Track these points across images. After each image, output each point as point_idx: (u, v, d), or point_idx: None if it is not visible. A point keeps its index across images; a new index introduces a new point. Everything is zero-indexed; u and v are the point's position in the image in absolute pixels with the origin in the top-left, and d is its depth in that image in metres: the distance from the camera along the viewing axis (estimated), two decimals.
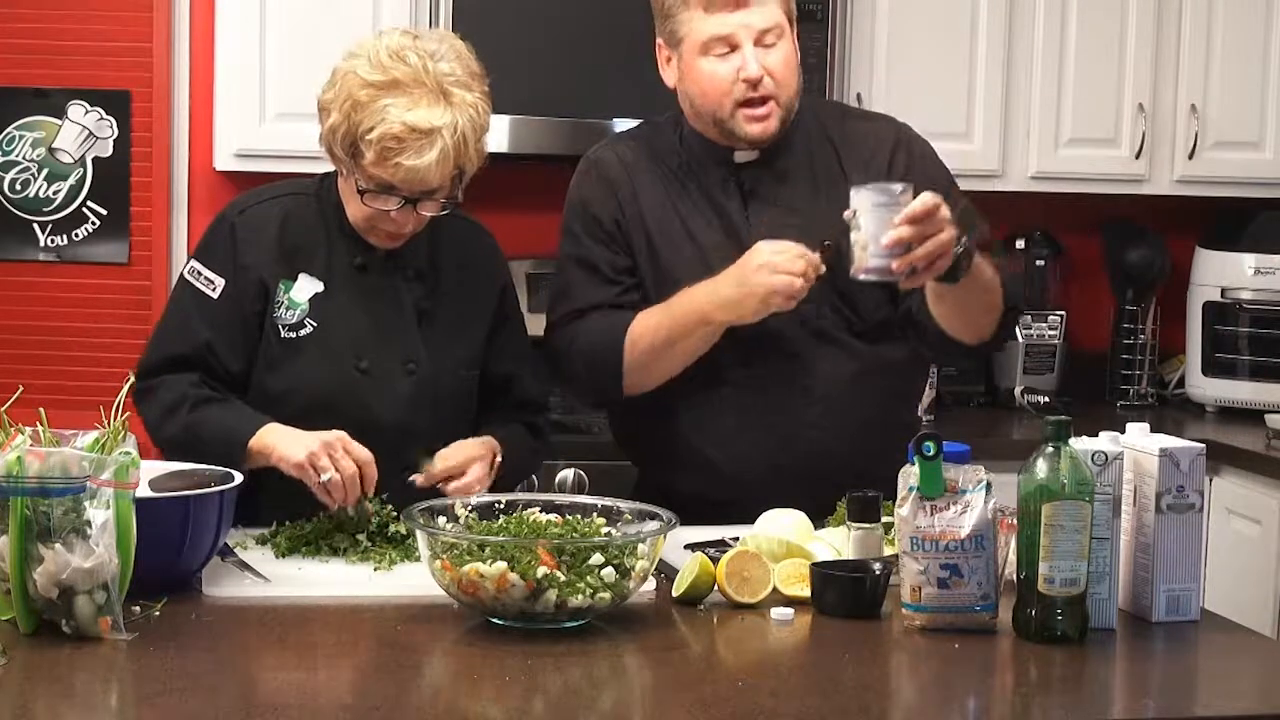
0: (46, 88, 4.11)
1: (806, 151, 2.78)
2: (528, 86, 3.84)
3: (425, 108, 2.52)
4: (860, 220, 2.41)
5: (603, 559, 2.15)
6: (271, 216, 2.69)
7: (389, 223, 2.60)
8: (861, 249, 2.41)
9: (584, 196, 2.84)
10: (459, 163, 2.56)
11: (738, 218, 2.76)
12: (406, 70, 2.53)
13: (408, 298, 2.69)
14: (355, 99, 2.54)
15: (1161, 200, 4.42)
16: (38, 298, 4.14)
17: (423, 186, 2.55)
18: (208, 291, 2.65)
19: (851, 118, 2.89)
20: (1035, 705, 2.04)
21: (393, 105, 2.52)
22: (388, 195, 2.57)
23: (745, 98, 2.67)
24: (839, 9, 3.99)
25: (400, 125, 2.50)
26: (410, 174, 2.52)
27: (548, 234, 4.16)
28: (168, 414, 2.60)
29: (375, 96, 2.52)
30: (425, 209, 2.59)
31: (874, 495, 2.40)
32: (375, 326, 2.67)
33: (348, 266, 2.68)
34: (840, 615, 2.26)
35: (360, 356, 2.64)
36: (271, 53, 3.87)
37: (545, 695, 1.97)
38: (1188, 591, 2.28)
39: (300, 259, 2.67)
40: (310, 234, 2.69)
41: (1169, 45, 4.30)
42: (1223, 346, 4.36)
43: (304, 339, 2.64)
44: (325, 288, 2.66)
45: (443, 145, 2.51)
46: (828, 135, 2.80)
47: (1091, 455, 2.20)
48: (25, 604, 2.04)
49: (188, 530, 2.25)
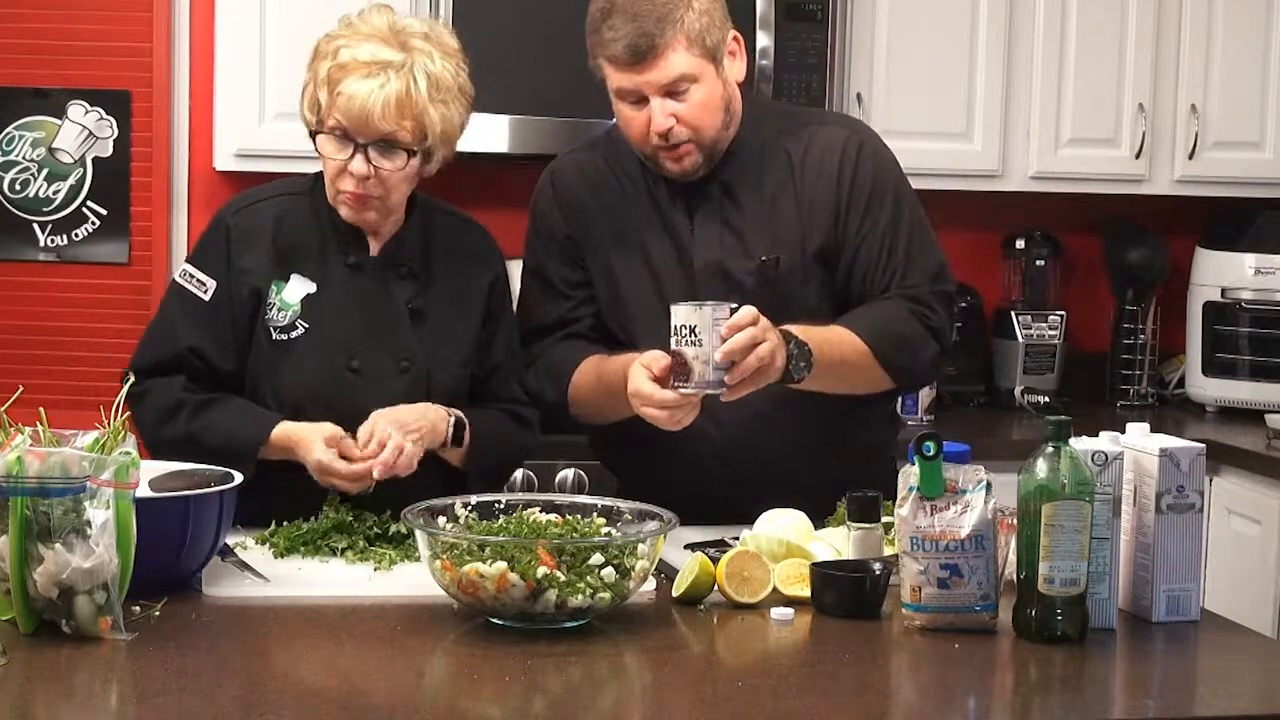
0: (46, 88, 4.11)
1: (756, 165, 2.77)
2: (528, 86, 3.84)
3: (378, 45, 2.55)
4: (700, 336, 2.46)
5: (603, 559, 2.15)
6: (265, 217, 2.69)
7: (349, 180, 2.58)
8: (702, 364, 2.46)
9: (540, 209, 2.87)
10: (413, 112, 2.55)
11: (684, 235, 2.76)
12: (368, 26, 2.58)
13: (400, 296, 2.69)
14: (319, 51, 2.59)
15: (1161, 200, 4.42)
16: (38, 298, 4.14)
17: (369, 125, 2.53)
18: (199, 294, 2.65)
19: (810, 124, 2.84)
20: (1035, 705, 2.04)
21: (346, 47, 2.56)
22: (341, 142, 2.56)
23: (657, 145, 2.69)
24: (839, 9, 3.99)
25: (349, 58, 2.54)
26: (351, 103, 2.52)
27: None
28: (167, 416, 2.60)
29: (333, 43, 2.58)
30: (383, 163, 2.57)
31: (874, 495, 2.40)
32: (367, 326, 2.66)
33: (341, 266, 2.67)
34: (840, 615, 2.26)
35: (352, 356, 2.64)
36: (271, 53, 3.87)
37: (545, 695, 1.97)
38: (1188, 591, 2.28)
39: (294, 259, 2.67)
40: (304, 234, 2.68)
41: (1169, 45, 4.30)
42: (1223, 346, 4.36)
43: (295, 340, 2.64)
44: (318, 288, 2.66)
45: (388, 81, 2.52)
46: (783, 145, 2.78)
47: (1091, 455, 2.20)
48: (25, 604, 2.04)
49: (188, 530, 2.25)
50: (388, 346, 2.66)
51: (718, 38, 2.68)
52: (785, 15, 3.92)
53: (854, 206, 2.74)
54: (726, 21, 2.71)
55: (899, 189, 2.80)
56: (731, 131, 2.74)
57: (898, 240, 2.75)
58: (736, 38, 2.73)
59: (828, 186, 2.74)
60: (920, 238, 2.78)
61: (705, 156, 2.71)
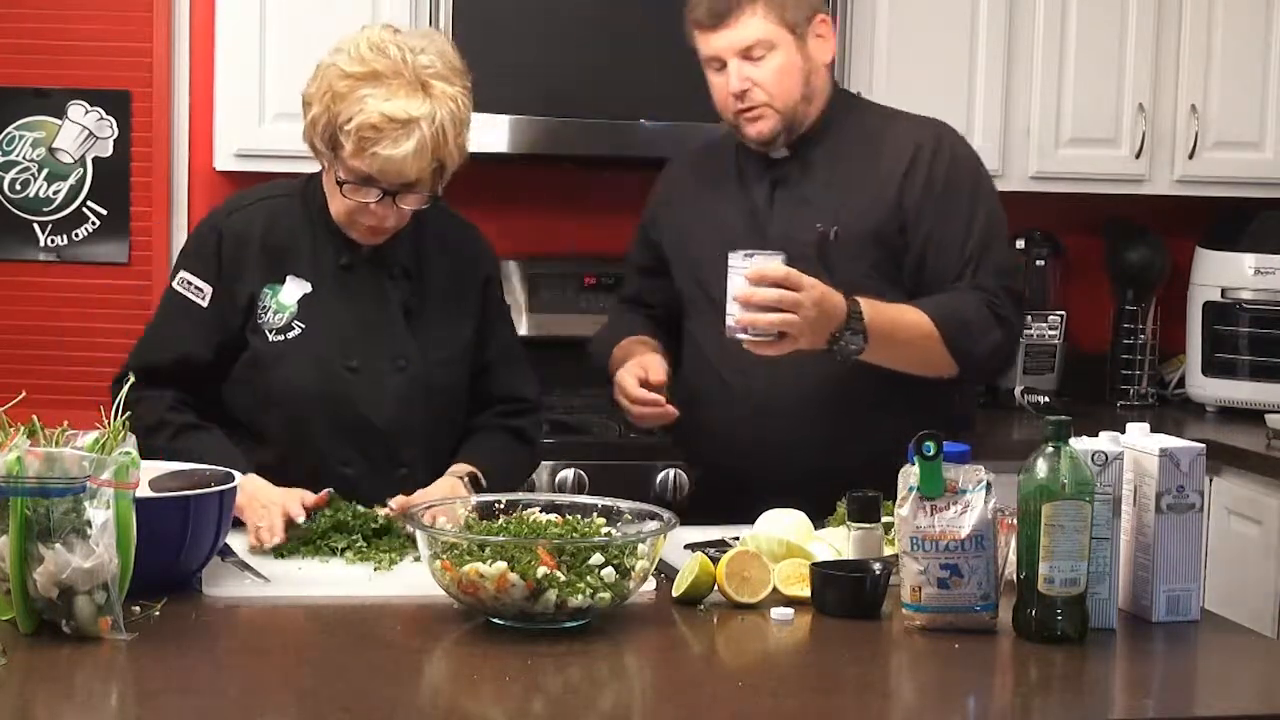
0: (46, 88, 4.11)
1: (836, 151, 2.91)
2: (528, 86, 3.84)
3: (404, 98, 2.52)
4: (731, 281, 2.61)
5: (603, 559, 2.15)
6: (256, 221, 2.69)
7: (369, 216, 2.60)
8: (727, 308, 2.63)
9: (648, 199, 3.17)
10: (438, 155, 2.56)
11: (762, 205, 2.92)
12: (386, 62, 2.54)
13: (394, 296, 2.69)
14: (335, 90, 2.54)
15: (1161, 200, 4.42)
16: (38, 298, 4.14)
17: (400, 178, 2.55)
18: (197, 300, 2.66)
19: (897, 120, 2.98)
20: (1035, 705, 2.04)
21: (371, 96, 2.52)
22: (367, 187, 2.57)
23: (736, 109, 2.86)
24: (839, 9, 3.98)
25: (378, 115, 2.51)
26: (387, 164, 2.53)
27: (548, 234, 4.18)
28: (148, 434, 2.53)
29: (354, 87, 2.53)
30: (405, 203, 2.59)
31: (874, 495, 2.40)
32: (363, 325, 2.67)
33: (334, 266, 2.67)
34: (840, 615, 2.26)
35: (349, 356, 2.64)
36: (271, 53, 3.87)
37: (545, 695, 1.97)
38: (1188, 591, 2.28)
39: (287, 261, 2.67)
40: (295, 235, 2.69)
41: (1169, 45, 4.30)
42: (1223, 346, 4.36)
43: (292, 341, 2.64)
44: (313, 288, 2.66)
45: (420, 136, 2.52)
46: (868, 132, 2.93)
47: (1091, 455, 2.20)
48: (25, 604, 2.04)
49: (188, 530, 2.25)
50: (384, 346, 2.66)
51: (800, 15, 2.83)
52: None
53: (928, 198, 2.85)
54: (814, 2, 2.88)
55: (977, 187, 2.92)
56: (814, 109, 2.89)
57: (970, 236, 2.85)
58: (824, 19, 2.87)
59: (904, 175, 2.86)
60: (995, 238, 2.90)
61: (784, 125, 2.85)
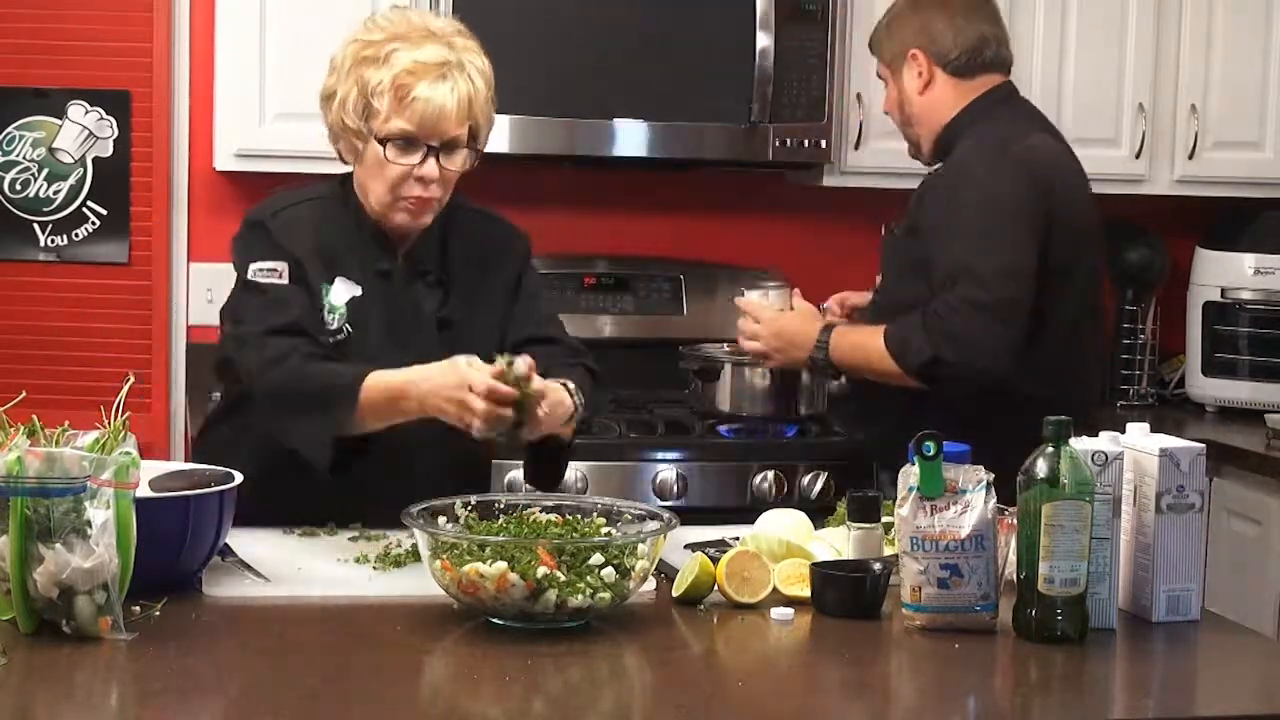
0: (46, 88, 4.11)
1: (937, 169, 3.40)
2: (528, 86, 3.84)
3: (431, 47, 2.55)
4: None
5: (603, 559, 2.15)
6: (304, 218, 2.66)
7: (415, 185, 2.58)
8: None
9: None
10: (473, 112, 2.57)
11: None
12: (406, 26, 2.57)
13: (428, 305, 2.67)
14: (361, 58, 2.56)
15: (1161, 200, 4.42)
16: (38, 298, 4.14)
17: (442, 125, 2.55)
18: (277, 280, 2.60)
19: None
20: (1035, 705, 2.04)
21: (399, 50, 2.54)
22: (411, 149, 2.56)
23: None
24: (839, 9, 3.98)
25: (411, 62, 2.53)
26: (427, 107, 2.53)
27: (548, 234, 4.18)
28: (271, 364, 2.53)
29: (380, 49, 2.55)
30: (450, 163, 2.58)
31: (874, 495, 2.41)
32: (398, 335, 2.64)
33: (372, 273, 2.65)
34: (840, 615, 2.26)
35: (385, 366, 2.62)
36: (271, 53, 3.87)
37: (545, 695, 1.97)
38: (1188, 591, 2.28)
39: (336, 262, 2.64)
40: (342, 237, 2.66)
41: (1169, 45, 4.30)
42: (1223, 346, 4.36)
43: (339, 345, 2.61)
44: (361, 292, 2.63)
45: (454, 80, 2.54)
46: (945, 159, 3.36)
47: (1091, 455, 2.20)
48: (25, 604, 2.04)
49: (188, 530, 2.25)
50: (414, 357, 2.64)
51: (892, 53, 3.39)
52: (785, 15, 3.91)
53: (932, 220, 3.17)
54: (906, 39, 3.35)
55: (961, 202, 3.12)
56: (914, 130, 3.38)
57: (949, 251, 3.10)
58: (914, 54, 3.32)
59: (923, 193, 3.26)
60: (973, 246, 3.08)
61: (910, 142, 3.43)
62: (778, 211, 4.45)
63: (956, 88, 3.31)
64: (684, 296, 4.31)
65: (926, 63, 3.32)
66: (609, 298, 4.28)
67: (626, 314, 4.28)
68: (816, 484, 3.70)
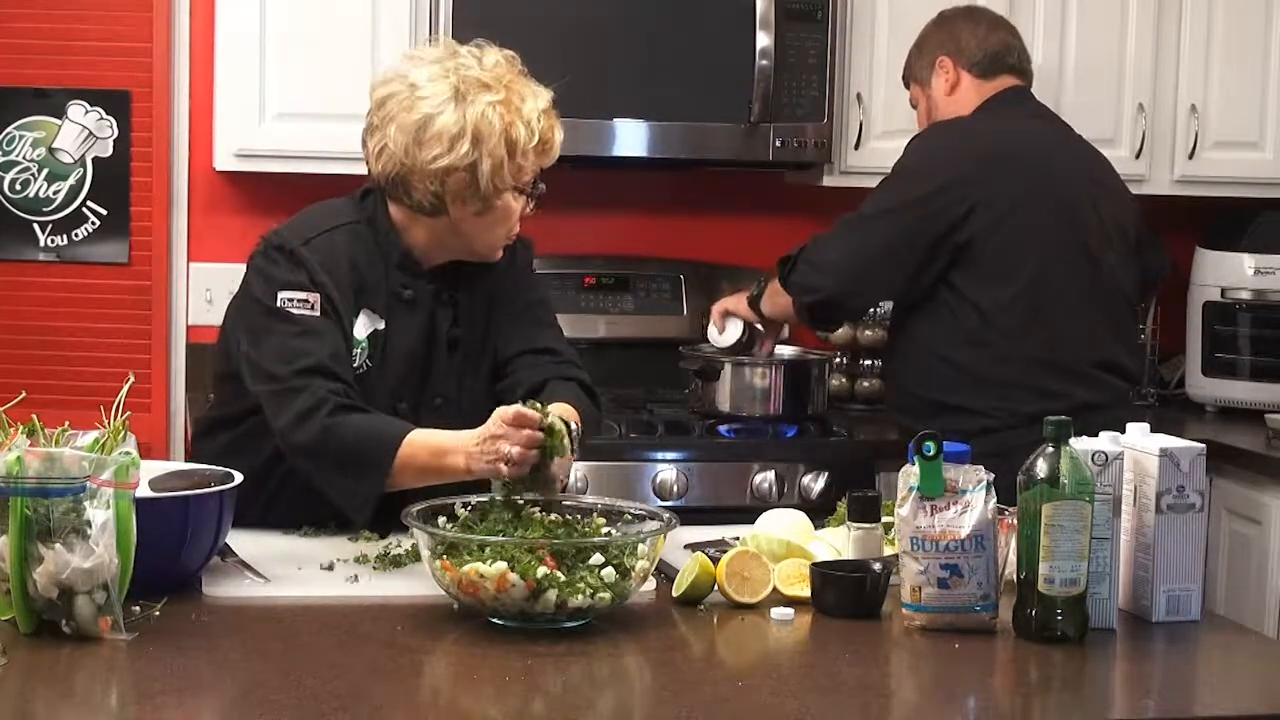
0: (46, 88, 4.11)
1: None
2: None
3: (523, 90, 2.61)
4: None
5: (603, 559, 2.15)
6: (339, 248, 2.59)
7: (518, 223, 2.65)
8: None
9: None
10: None
11: None
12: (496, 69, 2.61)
13: (442, 327, 2.65)
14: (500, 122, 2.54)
15: (1161, 200, 4.41)
16: (38, 298, 4.14)
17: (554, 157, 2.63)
18: (309, 312, 2.54)
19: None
20: (1035, 705, 2.04)
21: (513, 103, 2.57)
22: (533, 190, 2.62)
23: None
24: (839, 9, 3.99)
25: (535, 113, 2.58)
26: (556, 146, 2.63)
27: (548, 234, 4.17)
28: (301, 420, 2.48)
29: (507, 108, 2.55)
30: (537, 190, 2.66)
31: (874, 495, 2.41)
32: (414, 363, 2.63)
33: (397, 301, 2.62)
34: (840, 615, 2.26)
35: (400, 397, 2.61)
36: (271, 53, 3.87)
37: (545, 695, 1.97)
38: (1188, 591, 2.28)
39: (364, 295, 2.60)
40: (373, 268, 2.62)
41: (1169, 45, 4.29)
42: (1223, 346, 4.36)
43: (360, 379, 2.57)
44: (383, 325, 2.61)
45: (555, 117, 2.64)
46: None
47: (1091, 455, 2.20)
48: (25, 604, 2.04)
49: (188, 530, 2.25)
50: (428, 384, 2.63)
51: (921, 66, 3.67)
52: (785, 15, 3.91)
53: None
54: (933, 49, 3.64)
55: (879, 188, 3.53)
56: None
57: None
58: (942, 60, 3.59)
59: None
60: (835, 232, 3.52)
61: None
62: (778, 211, 4.45)
63: (978, 88, 3.57)
64: (684, 296, 4.31)
65: (953, 65, 3.59)
66: (609, 298, 4.28)
67: (626, 314, 4.28)
68: (816, 484, 3.70)
